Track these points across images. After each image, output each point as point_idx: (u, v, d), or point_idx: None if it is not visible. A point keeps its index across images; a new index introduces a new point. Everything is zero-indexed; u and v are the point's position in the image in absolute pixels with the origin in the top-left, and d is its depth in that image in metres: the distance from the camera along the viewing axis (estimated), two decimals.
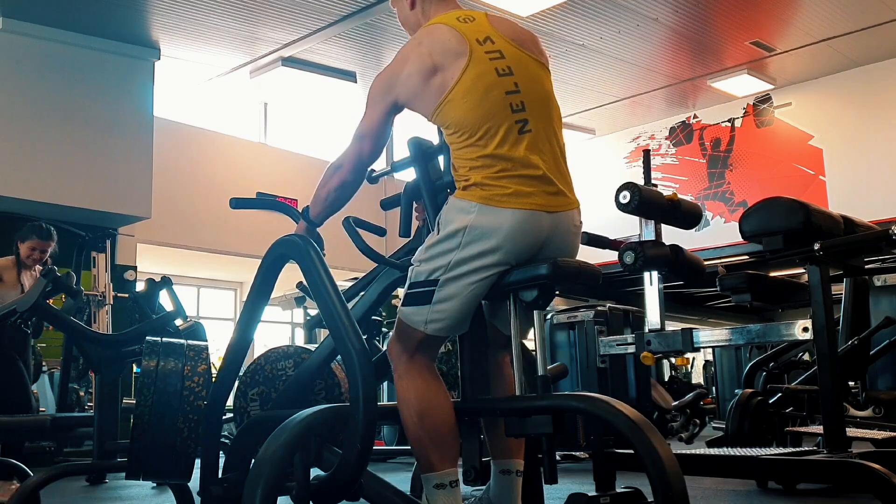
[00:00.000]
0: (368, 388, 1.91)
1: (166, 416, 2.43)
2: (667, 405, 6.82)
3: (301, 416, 1.97)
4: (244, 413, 2.69)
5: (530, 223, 2.07)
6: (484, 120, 2.09)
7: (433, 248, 2.12)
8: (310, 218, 2.36)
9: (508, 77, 2.14)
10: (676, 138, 11.66)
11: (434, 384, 2.13)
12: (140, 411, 2.44)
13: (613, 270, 3.66)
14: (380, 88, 2.24)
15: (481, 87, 2.11)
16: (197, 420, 2.46)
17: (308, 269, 2.10)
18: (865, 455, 2.86)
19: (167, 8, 7.96)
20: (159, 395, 2.44)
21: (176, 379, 2.47)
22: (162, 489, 5.03)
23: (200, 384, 2.50)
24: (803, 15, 8.74)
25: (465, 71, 2.11)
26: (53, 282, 3.24)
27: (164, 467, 2.48)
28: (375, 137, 2.24)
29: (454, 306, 2.08)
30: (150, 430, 2.42)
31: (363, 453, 1.91)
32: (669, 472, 1.71)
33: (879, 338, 4.16)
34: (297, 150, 11.07)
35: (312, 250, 2.13)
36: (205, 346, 2.67)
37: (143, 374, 2.49)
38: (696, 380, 13.34)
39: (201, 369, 2.54)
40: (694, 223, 2.96)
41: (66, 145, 7.93)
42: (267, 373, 2.72)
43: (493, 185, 2.06)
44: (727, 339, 3.07)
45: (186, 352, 2.57)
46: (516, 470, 2.25)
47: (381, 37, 8.82)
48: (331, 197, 2.30)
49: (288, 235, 2.25)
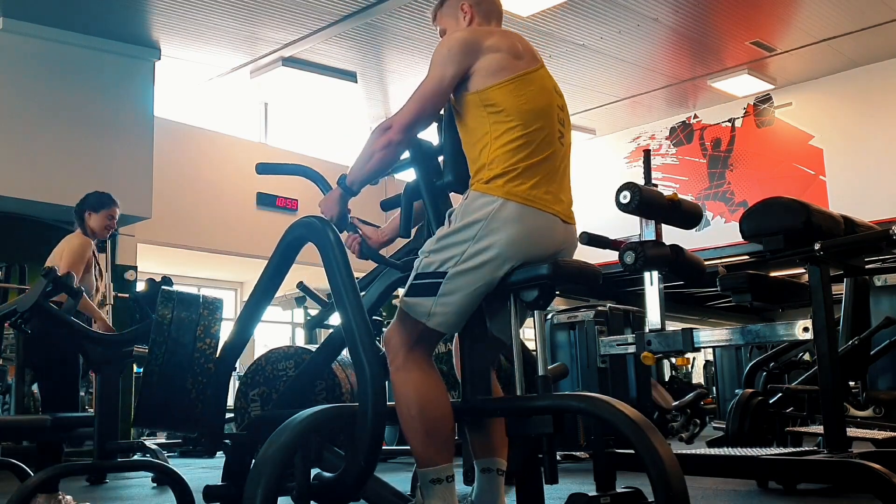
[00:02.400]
0: (377, 382, 1.88)
1: (175, 377, 2.39)
2: (667, 405, 6.82)
3: (301, 416, 1.96)
4: (245, 413, 2.69)
5: (549, 227, 2.10)
6: (538, 117, 2.15)
7: (445, 239, 2.10)
8: (346, 185, 2.26)
9: (560, 97, 2.29)
10: (677, 138, 11.66)
11: (432, 377, 2.11)
12: (149, 369, 2.39)
13: (614, 270, 3.66)
14: (461, 48, 2.16)
15: (544, 90, 2.20)
16: (205, 383, 2.41)
17: (326, 253, 2.03)
18: (866, 455, 2.86)
19: (167, 8, 7.96)
20: (170, 355, 2.39)
21: (188, 338, 2.43)
22: (162, 489, 5.03)
23: (212, 347, 2.46)
24: (803, 15, 8.74)
25: (537, 70, 2.21)
26: (53, 282, 3.23)
27: (170, 419, 2.44)
28: (439, 99, 2.17)
29: (458, 300, 2.07)
30: (159, 390, 2.37)
31: (372, 452, 1.88)
32: (670, 472, 1.71)
33: (880, 338, 4.16)
34: (297, 150, 11.07)
35: (332, 232, 2.07)
36: (220, 303, 2.60)
37: (156, 329, 2.44)
38: (696, 380, 13.34)
39: (214, 330, 2.49)
40: (694, 223, 2.96)
41: (66, 145, 7.93)
42: (268, 374, 2.71)
43: (518, 181, 2.08)
44: (727, 339, 3.07)
45: (201, 308, 2.51)
46: (497, 468, 2.24)
47: (381, 37, 8.82)
48: (375, 159, 2.17)
49: (308, 216, 2.16)
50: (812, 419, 4.52)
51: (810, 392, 4.35)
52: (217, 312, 2.55)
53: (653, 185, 3.01)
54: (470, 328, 2.18)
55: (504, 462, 2.26)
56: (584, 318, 6.35)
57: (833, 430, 2.89)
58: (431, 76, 2.15)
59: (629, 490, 2.87)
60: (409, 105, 2.15)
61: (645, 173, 3.18)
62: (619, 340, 3.23)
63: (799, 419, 4.58)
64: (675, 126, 11.67)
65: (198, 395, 2.40)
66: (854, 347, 4.01)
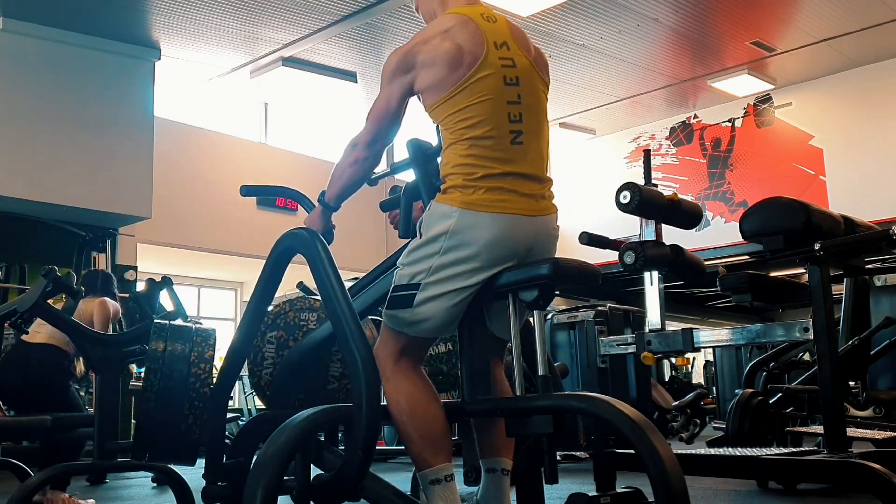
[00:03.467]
0: (372, 389, 1.91)
1: (172, 402, 2.41)
2: (667, 405, 6.82)
3: (301, 417, 1.97)
4: (259, 352, 2.67)
5: (511, 228, 2.08)
6: (481, 124, 2.10)
7: (415, 253, 2.13)
8: (325, 202, 2.34)
9: (514, 87, 2.15)
10: (677, 138, 11.66)
11: (420, 384, 2.14)
12: (146, 396, 2.41)
13: (614, 270, 3.66)
14: (397, 67, 2.18)
15: (486, 91, 2.11)
16: (202, 407, 2.44)
17: (314, 263, 2.08)
18: (866, 455, 2.86)
19: (167, 8, 7.96)
20: (165, 380, 2.42)
21: (182, 364, 2.46)
22: (162, 489, 5.03)
23: (206, 371, 2.49)
24: (803, 15, 8.74)
25: (475, 70, 2.11)
26: (54, 282, 3.23)
27: (168, 450, 2.46)
28: (391, 118, 2.19)
29: (435, 309, 2.09)
30: (156, 414, 2.40)
31: (366, 454, 1.90)
32: (670, 472, 1.71)
33: (880, 338, 4.17)
34: (297, 150, 11.08)
35: (319, 242, 2.10)
36: (212, 332, 2.64)
37: (150, 358, 2.47)
38: (696, 380, 13.34)
39: (208, 355, 2.52)
40: (694, 223, 2.96)
41: (67, 145, 7.93)
42: (290, 320, 2.69)
43: (473, 189, 2.07)
44: (727, 339, 3.07)
45: (194, 337, 2.55)
46: (503, 468, 2.24)
47: (381, 37, 8.82)
48: (346, 175, 2.25)
49: (295, 228, 2.21)
50: (812, 419, 4.52)
51: (810, 392, 4.35)
52: (209, 340, 2.58)
53: (653, 185, 3.02)
54: (469, 328, 2.18)
55: (509, 462, 2.26)
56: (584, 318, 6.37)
57: (833, 430, 2.90)
58: (380, 96, 2.20)
59: (629, 490, 2.87)
60: (367, 125, 2.21)
61: (645, 173, 3.18)
62: (619, 340, 3.23)
63: (799, 419, 4.58)
64: (675, 126, 11.67)
65: (195, 420, 2.43)
66: (854, 347, 4.01)
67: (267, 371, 2.65)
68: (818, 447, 3.68)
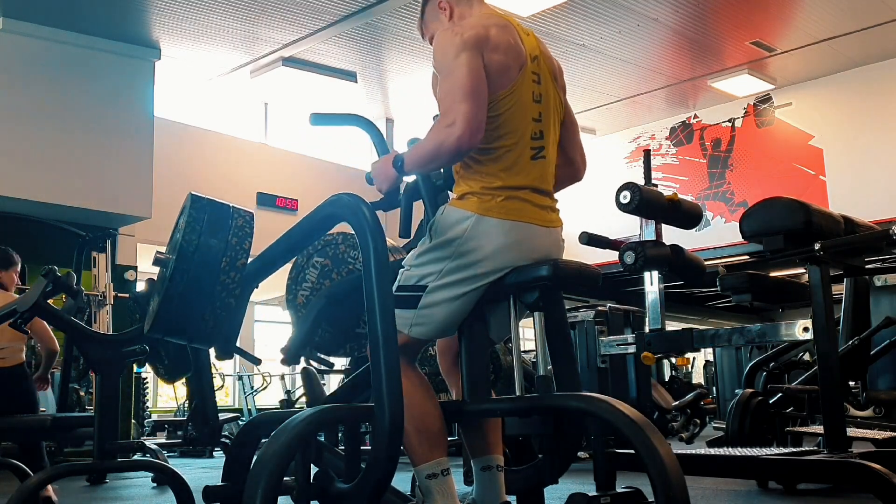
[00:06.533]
0: (393, 383, 1.84)
1: (195, 303, 2.25)
2: (667, 405, 6.81)
3: (301, 416, 1.96)
4: (301, 271, 2.62)
5: (527, 237, 2.08)
6: (505, 137, 2.08)
7: (425, 255, 2.12)
8: (401, 164, 2.13)
9: (538, 105, 2.14)
10: (677, 138, 11.66)
11: (415, 381, 2.14)
12: (169, 293, 2.25)
13: (614, 270, 3.66)
14: (465, 42, 2.01)
15: (515, 106, 2.09)
16: (224, 315, 2.29)
17: (360, 233, 1.91)
18: (866, 455, 2.86)
19: (167, 8, 7.96)
20: (193, 281, 2.25)
21: (214, 266, 2.27)
22: (162, 489, 5.03)
23: (235, 280, 2.31)
24: (803, 15, 8.74)
25: (519, 80, 2.08)
26: (54, 282, 3.23)
27: (185, 335, 2.34)
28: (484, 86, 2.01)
29: (440, 313, 2.09)
30: (178, 310, 2.25)
31: (391, 456, 1.83)
32: (670, 472, 1.71)
33: (880, 338, 4.17)
34: (297, 150, 11.07)
35: (368, 210, 1.92)
36: (250, 223, 2.42)
37: (181, 253, 2.25)
38: (696, 380, 13.33)
39: (240, 264, 2.32)
40: (694, 223, 2.96)
41: (67, 145, 7.93)
42: (340, 252, 2.64)
43: (490, 196, 2.06)
44: (727, 339, 3.07)
45: (230, 237, 2.34)
46: (496, 465, 2.24)
47: (381, 37, 8.82)
48: (437, 158, 2.04)
49: (347, 194, 2.00)
50: (812, 419, 4.53)
51: (810, 392, 4.35)
52: (246, 241, 2.31)
53: (653, 185, 3.02)
54: (469, 329, 2.17)
55: (501, 458, 2.26)
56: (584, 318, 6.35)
57: (833, 430, 2.90)
58: (456, 72, 1.99)
59: (629, 490, 2.87)
60: (458, 105, 1.96)
61: (645, 173, 3.18)
62: (619, 340, 3.23)
63: (799, 419, 4.58)
64: (675, 126, 11.67)
65: (215, 324, 2.28)
66: (854, 347, 4.01)
67: (304, 293, 2.62)
68: (818, 447, 3.67)
